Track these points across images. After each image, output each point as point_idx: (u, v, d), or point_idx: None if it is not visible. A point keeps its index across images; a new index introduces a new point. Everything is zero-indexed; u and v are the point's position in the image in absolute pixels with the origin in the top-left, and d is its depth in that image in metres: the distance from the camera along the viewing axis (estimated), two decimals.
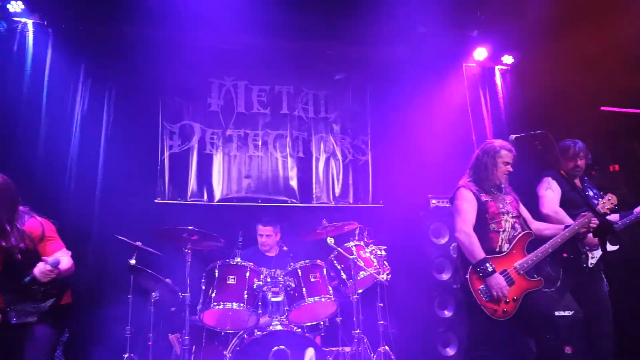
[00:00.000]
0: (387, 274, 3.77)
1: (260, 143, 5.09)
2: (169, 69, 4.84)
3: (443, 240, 4.76)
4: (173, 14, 4.49)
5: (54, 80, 4.62)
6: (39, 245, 2.83)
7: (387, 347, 3.87)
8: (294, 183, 5.11)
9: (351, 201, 5.24)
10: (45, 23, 4.67)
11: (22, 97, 4.50)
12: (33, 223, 2.85)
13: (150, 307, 3.75)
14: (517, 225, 3.17)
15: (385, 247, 3.88)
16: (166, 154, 4.87)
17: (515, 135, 3.05)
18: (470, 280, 3.02)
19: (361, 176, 5.31)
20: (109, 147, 4.68)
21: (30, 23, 4.64)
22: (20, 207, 2.86)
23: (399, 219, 4.86)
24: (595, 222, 3.02)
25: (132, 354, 3.73)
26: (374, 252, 3.81)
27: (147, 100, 4.90)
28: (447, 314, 4.65)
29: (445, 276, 4.70)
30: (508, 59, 5.55)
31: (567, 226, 3.15)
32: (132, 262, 3.73)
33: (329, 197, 5.19)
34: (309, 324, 3.63)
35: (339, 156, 5.29)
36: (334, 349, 3.82)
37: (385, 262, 3.83)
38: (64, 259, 2.85)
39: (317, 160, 5.22)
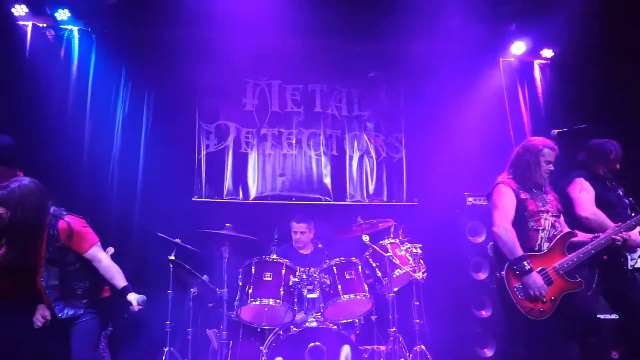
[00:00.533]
0: (423, 272, 3.73)
1: (294, 141, 5.14)
2: (205, 71, 4.96)
3: (480, 239, 4.68)
4: (208, 17, 4.59)
5: (98, 84, 4.82)
6: (72, 242, 2.90)
7: (423, 347, 3.83)
8: (327, 181, 5.14)
9: (385, 199, 5.22)
10: (90, 29, 4.87)
11: (69, 102, 4.71)
12: (62, 223, 2.91)
13: (189, 303, 3.85)
14: (557, 224, 3.07)
15: (420, 245, 3.84)
16: (203, 154, 4.99)
17: (557, 130, 2.96)
18: (506, 278, 2.95)
19: (395, 174, 5.27)
20: (149, 148, 4.83)
21: (75, 30, 4.85)
22: (53, 208, 2.96)
23: (434, 217, 4.80)
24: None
25: (172, 348, 3.84)
26: (409, 250, 3.78)
27: (184, 101, 5.03)
28: (485, 314, 4.56)
29: (482, 275, 4.61)
30: (548, 53, 5.38)
31: (596, 236, 3.04)
32: (172, 258, 3.84)
33: (362, 195, 5.18)
34: (344, 321, 3.64)
35: (373, 154, 5.27)
36: (368, 347, 3.81)
37: (420, 260, 3.79)
38: (106, 261, 2.96)
39: (351, 158, 5.22)
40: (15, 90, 4.47)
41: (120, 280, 2.93)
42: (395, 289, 3.68)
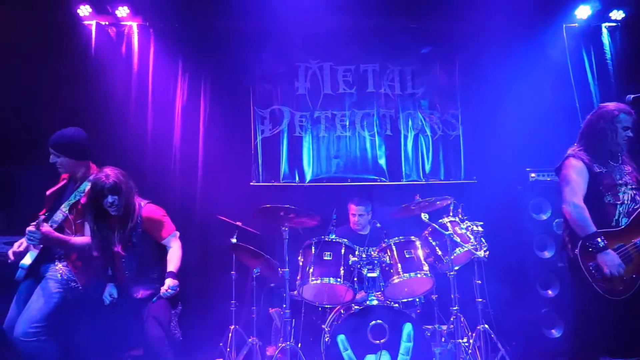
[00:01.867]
0: (485, 251, 3.63)
1: (347, 123, 5.13)
2: (257, 57, 5.06)
3: (544, 216, 4.48)
4: (258, 5, 4.65)
5: (157, 76, 5.02)
6: (153, 230, 3.12)
7: (486, 326, 3.76)
8: (382, 161, 5.10)
9: (442, 178, 5.11)
10: (147, 24, 5.07)
11: (132, 94, 4.95)
12: (150, 209, 3.13)
13: (252, 283, 3.98)
14: (637, 198, 2.87)
15: (481, 223, 3.74)
16: (259, 139, 5.10)
17: (633, 96, 2.75)
18: (580, 256, 2.81)
19: (452, 152, 5.14)
20: (207, 135, 5.00)
21: (134, 25, 5.06)
22: (136, 197, 3.16)
23: (494, 195, 4.63)
24: None
25: (237, 326, 4.01)
26: (469, 228, 3.70)
27: (239, 88, 5.14)
28: (551, 294, 4.39)
29: (547, 254, 4.43)
30: (617, 14, 5.00)
31: None
32: (234, 240, 3.99)
33: (418, 174, 5.10)
34: (404, 300, 3.64)
35: (428, 132, 5.16)
36: (429, 326, 3.79)
37: (482, 238, 3.70)
38: (175, 250, 3.13)
39: (406, 137, 5.14)
40: (84, 86, 4.75)
41: (172, 267, 3.07)
42: (456, 268, 3.62)
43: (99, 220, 3.01)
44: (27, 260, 3.05)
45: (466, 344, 3.54)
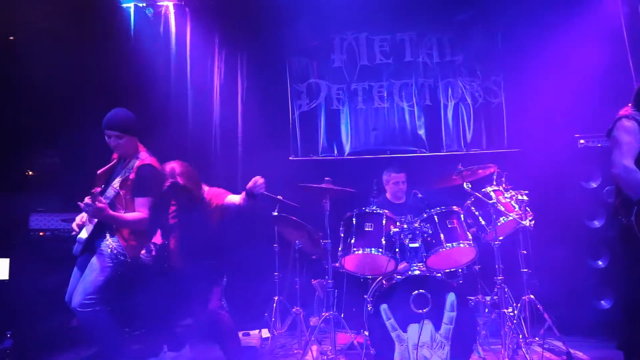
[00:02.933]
0: (531, 220, 3.54)
1: (385, 94, 5.05)
2: (293, 31, 5.01)
3: (594, 184, 4.30)
4: None
5: (195, 54, 5.10)
6: (219, 205, 3.29)
7: (532, 296, 3.69)
8: (422, 132, 5.01)
9: (484, 147, 4.98)
10: (183, 3, 5.12)
11: (171, 73, 5.06)
12: (210, 191, 3.28)
13: (295, 255, 4.06)
14: None
15: (527, 192, 3.64)
16: (296, 114, 5.12)
17: None
18: (636, 223, 2.67)
19: (494, 120, 4.99)
20: (245, 111, 5.06)
21: (170, 5, 5.12)
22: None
23: (540, 163, 4.48)
24: None
25: (281, 297, 4.12)
26: (514, 197, 3.60)
27: (275, 63, 5.15)
28: (601, 264, 4.24)
29: (597, 223, 4.27)
30: None
31: None
32: (275, 214, 4.06)
33: (459, 144, 4.99)
34: (447, 270, 3.61)
35: (469, 101, 5.01)
36: (472, 297, 3.76)
37: (527, 207, 3.60)
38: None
39: (445, 107, 5.02)
40: (125, 68, 4.88)
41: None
42: (501, 238, 3.55)
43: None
44: (83, 234, 3.22)
45: (511, 314, 3.50)
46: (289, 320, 4.01)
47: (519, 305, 3.69)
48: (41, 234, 4.34)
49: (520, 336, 3.38)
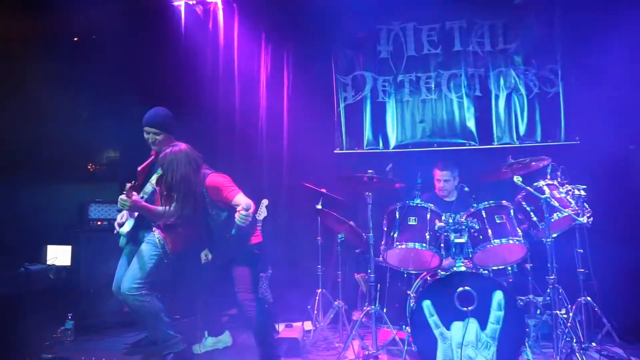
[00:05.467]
0: (588, 217, 3.32)
1: (433, 85, 4.90)
2: (338, 24, 4.99)
3: None
4: None
5: (242, 50, 5.17)
6: (218, 196, 3.23)
7: (589, 298, 3.47)
8: (471, 124, 4.82)
9: (539, 140, 4.70)
10: None
11: (219, 69, 5.16)
12: (211, 178, 3.26)
13: (337, 248, 4.05)
14: None
15: (584, 186, 3.41)
16: (341, 106, 5.08)
17: None
18: None
19: (550, 111, 4.69)
20: (291, 104, 5.09)
21: (219, 2, 5.22)
22: (204, 167, 3.31)
23: (600, 157, 4.18)
24: None
25: (324, 290, 4.13)
26: (570, 192, 3.39)
27: (320, 56, 5.12)
28: None
29: None
30: None
31: None
32: (319, 206, 4.06)
33: (512, 136, 4.75)
34: (494, 267, 3.46)
35: (523, 91, 4.76)
36: (522, 297, 3.59)
37: (585, 203, 3.38)
38: (242, 203, 3.08)
39: (497, 97, 4.79)
40: (176, 65, 5.04)
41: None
42: (554, 235, 3.36)
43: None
44: (126, 228, 3.40)
45: (565, 317, 3.31)
46: (331, 314, 4.00)
47: (574, 307, 3.49)
48: (99, 223, 4.60)
49: (575, 340, 3.19)
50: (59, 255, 4.64)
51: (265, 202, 4.03)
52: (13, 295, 3.79)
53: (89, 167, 5.78)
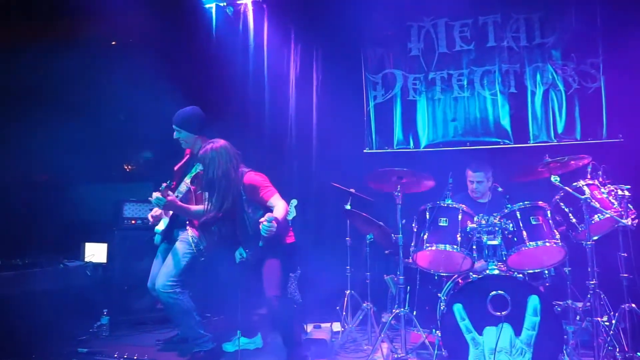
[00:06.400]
0: (633, 218, 3.14)
1: (465, 83, 4.76)
2: (368, 22, 4.93)
3: None
4: None
5: (272, 50, 5.20)
6: (255, 195, 3.23)
7: (633, 305, 3.28)
8: (506, 122, 4.65)
9: (578, 137, 4.49)
10: (261, 0, 5.24)
11: (249, 70, 5.21)
12: (250, 176, 3.27)
13: (366, 249, 3.99)
14: None
15: (629, 187, 3.22)
16: (371, 105, 5.02)
17: None
18: None
19: (591, 107, 4.46)
20: (320, 103, 5.07)
21: (249, 3, 5.27)
22: (241, 166, 3.32)
23: None
24: None
25: (352, 291, 4.08)
26: (612, 192, 3.21)
27: (350, 55, 5.08)
28: None
29: None
30: None
31: None
32: (348, 207, 4.02)
33: (549, 134, 4.55)
34: (530, 271, 3.32)
35: (561, 86, 4.55)
36: (560, 302, 3.43)
37: (629, 204, 3.19)
38: (279, 206, 3.14)
39: (533, 94, 4.61)
40: (207, 66, 5.12)
41: (276, 213, 3.06)
42: (595, 238, 3.19)
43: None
44: (161, 226, 3.47)
45: (607, 324, 3.14)
46: (360, 315, 3.95)
47: (617, 314, 3.29)
48: (133, 222, 4.72)
49: (618, 350, 3.02)
50: (96, 252, 4.80)
51: (294, 202, 4.01)
52: (53, 291, 3.95)
53: (126, 167, 5.96)
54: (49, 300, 3.81)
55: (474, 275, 3.18)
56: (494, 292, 2.97)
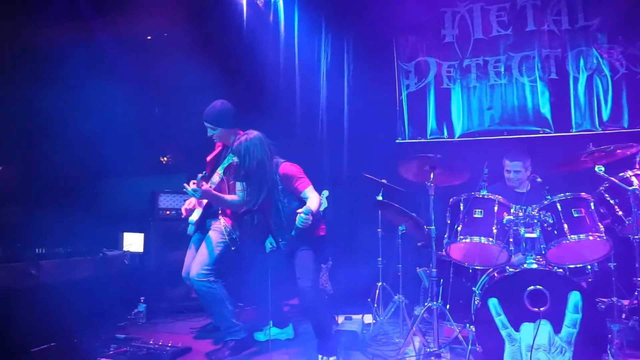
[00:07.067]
0: None
1: (502, 69, 4.58)
2: (400, 9, 4.81)
3: None
4: None
5: (302, 41, 5.17)
6: (291, 185, 3.23)
7: None
8: (546, 110, 4.45)
9: (626, 125, 4.24)
10: None
11: (280, 61, 5.19)
12: (285, 166, 3.27)
13: (398, 240, 3.92)
14: None
15: None
16: (404, 94, 4.91)
17: None
18: None
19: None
20: (351, 94, 5.00)
21: None
22: (275, 157, 3.32)
23: None
24: None
25: (384, 283, 4.02)
26: None
27: (381, 44, 4.99)
28: None
29: None
30: None
31: None
32: (379, 198, 3.95)
33: (593, 122, 4.32)
34: (571, 266, 3.17)
35: (606, 71, 4.30)
36: (604, 299, 3.26)
37: None
38: (313, 198, 3.15)
39: (576, 80, 4.38)
40: (238, 58, 5.13)
41: (311, 205, 3.05)
42: None
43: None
44: (194, 216, 3.52)
45: None
46: (391, 308, 3.89)
47: None
48: (167, 212, 4.82)
49: None
50: (133, 242, 4.93)
51: (325, 193, 3.99)
52: (92, 278, 4.08)
53: (162, 159, 6.09)
54: (89, 288, 3.94)
55: (511, 269, 3.06)
56: (531, 287, 2.84)
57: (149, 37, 5.66)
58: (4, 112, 4.63)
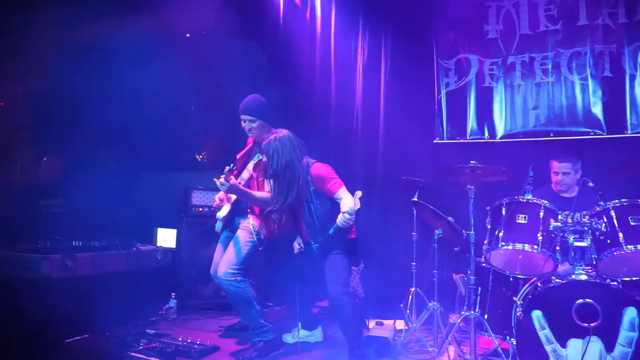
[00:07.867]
0: None
1: (550, 67, 4.31)
2: (440, 3, 4.63)
3: None
4: None
5: (339, 38, 5.06)
6: (323, 186, 3.18)
7: None
8: (597, 110, 4.15)
9: None
10: None
11: (316, 58, 5.10)
12: (317, 167, 3.20)
13: (434, 245, 3.76)
14: None
15: None
16: (442, 93, 4.71)
17: None
18: None
19: None
20: (388, 92, 4.84)
21: None
22: (306, 157, 3.25)
23: None
24: None
25: (418, 289, 3.86)
26: None
27: (420, 40, 4.81)
28: None
29: None
30: None
31: None
32: (415, 199, 3.79)
33: None
34: (626, 278, 2.91)
35: None
36: None
37: None
38: (346, 200, 3.11)
39: (632, 77, 4.06)
40: (274, 55, 5.07)
41: (346, 207, 3.05)
42: None
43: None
44: (222, 213, 3.48)
45: None
46: (425, 315, 3.73)
47: None
48: (200, 209, 4.82)
49: None
50: (166, 238, 4.97)
51: (359, 193, 3.87)
52: (126, 272, 4.12)
53: (198, 157, 6.14)
54: (122, 281, 3.98)
55: (557, 280, 2.85)
56: (580, 300, 2.63)
57: (187, 35, 5.71)
58: (47, 106, 4.77)
